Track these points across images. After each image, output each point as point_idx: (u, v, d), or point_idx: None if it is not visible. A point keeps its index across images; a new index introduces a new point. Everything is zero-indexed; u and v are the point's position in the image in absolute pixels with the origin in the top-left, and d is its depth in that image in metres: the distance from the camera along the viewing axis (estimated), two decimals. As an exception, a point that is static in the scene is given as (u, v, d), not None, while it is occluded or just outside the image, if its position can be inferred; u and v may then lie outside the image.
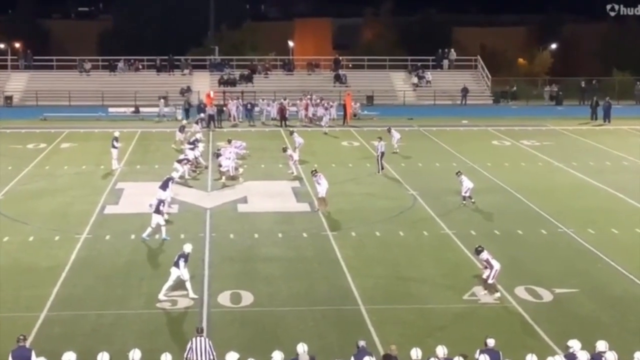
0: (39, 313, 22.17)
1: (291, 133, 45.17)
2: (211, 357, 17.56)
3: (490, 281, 23.57)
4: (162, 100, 59.21)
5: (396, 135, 44.89)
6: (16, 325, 20.63)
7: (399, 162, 42.40)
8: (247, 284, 24.50)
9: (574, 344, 17.27)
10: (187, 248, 23.76)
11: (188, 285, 23.29)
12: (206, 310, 22.58)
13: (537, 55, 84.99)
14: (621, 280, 25.29)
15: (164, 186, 31.95)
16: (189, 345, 17.81)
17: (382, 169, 40.00)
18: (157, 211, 28.78)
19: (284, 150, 40.29)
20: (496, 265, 23.54)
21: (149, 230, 28.79)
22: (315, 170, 33.73)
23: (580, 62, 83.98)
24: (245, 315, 22.38)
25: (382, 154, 40.19)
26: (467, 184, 33.66)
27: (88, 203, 33.99)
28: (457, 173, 34.68)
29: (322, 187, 32.39)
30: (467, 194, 33.59)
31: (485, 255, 23.78)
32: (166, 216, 29.83)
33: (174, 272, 23.19)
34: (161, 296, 23.07)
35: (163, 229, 28.83)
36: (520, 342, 20.23)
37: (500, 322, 21.91)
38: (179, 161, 38.08)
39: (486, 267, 23.73)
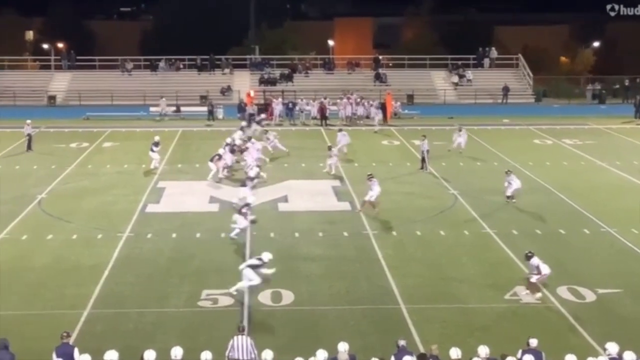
0: (82, 311, 22.40)
1: (340, 130, 45.27)
2: (253, 355, 17.62)
3: (533, 280, 23.40)
4: (163, 99, 59.30)
5: (464, 135, 44.59)
6: (60, 323, 20.84)
7: (440, 162, 42.17)
8: (287, 283, 24.53)
9: (611, 347, 17.11)
10: (266, 257, 23.60)
11: (241, 284, 23.30)
12: (247, 308, 22.64)
13: (580, 53, 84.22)
14: (665, 280, 24.98)
15: (245, 187, 32.31)
16: (230, 344, 17.89)
17: (423, 168, 39.88)
18: (240, 212, 28.99)
19: (330, 148, 40.22)
20: (546, 270, 23.36)
21: (236, 230, 28.85)
22: (371, 175, 33.34)
23: (624, 61, 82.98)
24: (286, 314, 22.42)
25: (427, 151, 40.13)
26: (515, 184, 33.46)
27: (130, 202, 34.27)
28: (506, 172, 34.44)
29: (374, 192, 32.05)
30: (512, 194, 33.45)
31: (535, 261, 23.57)
32: (250, 217, 29.92)
33: (250, 274, 23.27)
34: (232, 290, 23.24)
35: (237, 229, 28.84)
36: (563, 342, 20.06)
37: (543, 322, 21.74)
38: (213, 159, 38.03)
39: (535, 273, 23.53)
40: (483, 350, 16.96)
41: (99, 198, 35.18)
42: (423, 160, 40.28)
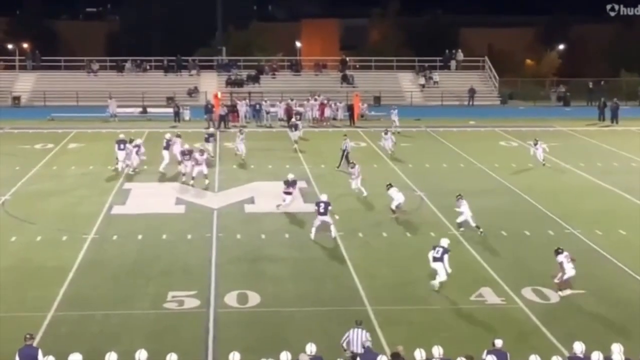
0: (46, 313, 22.21)
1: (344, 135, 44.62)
2: (369, 344, 17.86)
3: (556, 280, 23.94)
4: (112, 100, 59.18)
5: (540, 147, 42.57)
6: (23, 325, 20.56)
7: (407, 163, 42.37)
8: (253, 285, 24.50)
9: (578, 347, 17.26)
10: (444, 242, 24.23)
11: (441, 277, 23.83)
12: (213, 310, 22.58)
13: (545, 56, 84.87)
14: (628, 281, 25.21)
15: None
16: (346, 335, 18.12)
17: (340, 166, 40.38)
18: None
19: (352, 166, 37.28)
20: (570, 271, 23.75)
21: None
22: (390, 184, 32.97)
23: (588, 63, 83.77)
24: (252, 315, 22.39)
25: (347, 152, 40.61)
26: (466, 212, 29.95)
27: (95, 203, 34.03)
28: (457, 196, 30.88)
29: (396, 199, 31.88)
30: (461, 220, 30.30)
31: (561, 258, 23.98)
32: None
33: (439, 267, 23.73)
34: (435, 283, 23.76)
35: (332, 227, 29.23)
36: (527, 343, 20.18)
37: (507, 323, 21.86)
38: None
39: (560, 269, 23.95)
40: (437, 351, 17.08)
41: (64, 200, 34.93)
42: (342, 158, 40.43)
